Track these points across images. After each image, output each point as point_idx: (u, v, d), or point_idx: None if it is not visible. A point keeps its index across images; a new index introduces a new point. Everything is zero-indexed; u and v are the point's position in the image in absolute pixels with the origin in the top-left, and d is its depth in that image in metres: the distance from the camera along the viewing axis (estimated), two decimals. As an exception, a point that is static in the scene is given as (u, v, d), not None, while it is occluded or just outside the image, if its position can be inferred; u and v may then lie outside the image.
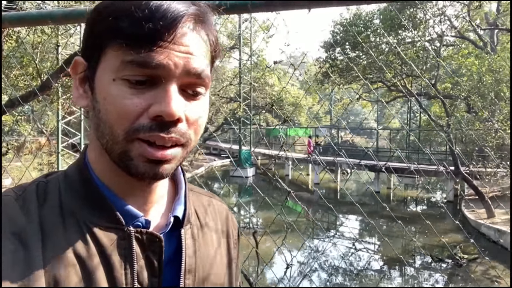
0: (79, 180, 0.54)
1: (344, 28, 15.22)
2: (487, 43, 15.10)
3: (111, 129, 0.49)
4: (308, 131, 23.53)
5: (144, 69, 0.47)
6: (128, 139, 0.49)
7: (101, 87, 0.50)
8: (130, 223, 0.53)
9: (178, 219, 0.58)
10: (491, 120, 10.92)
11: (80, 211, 0.52)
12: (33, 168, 11.96)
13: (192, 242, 0.59)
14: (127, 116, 0.48)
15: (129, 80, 0.48)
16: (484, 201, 10.43)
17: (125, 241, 0.52)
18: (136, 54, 0.46)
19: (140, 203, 0.56)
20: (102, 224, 0.52)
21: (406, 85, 13.98)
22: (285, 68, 27.50)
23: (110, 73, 0.49)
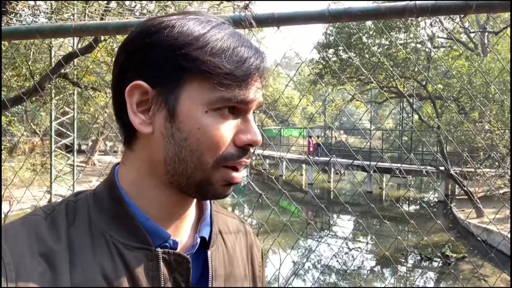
0: (108, 199, 0.54)
1: (337, 29, 15.34)
2: (478, 45, 15.31)
3: (200, 158, 0.51)
4: (302, 132, 23.64)
5: (238, 104, 0.51)
6: (215, 166, 0.52)
7: (192, 118, 0.50)
8: (158, 244, 0.53)
9: (204, 240, 0.59)
10: (481, 121, 11.10)
11: (109, 231, 0.52)
12: (26, 168, 11.95)
13: (218, 264, 0.60)
14: (219, 145, 0.51)
15: (221, 111, 0.51)
16: (473, 201, 10.59)
17: (153, 263, 0.52)
18: (234, 91, 0.50)
19: (168, 223, 0.56)
20: (131, 244, 0.52)
21: (398, 87, 14.14)
22: (278, 68, 27.62)
23: (202, 105, 0.50)
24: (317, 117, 33.23)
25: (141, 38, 0.51)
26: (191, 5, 6.63)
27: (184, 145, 0.51)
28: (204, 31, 0.51)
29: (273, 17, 1.08)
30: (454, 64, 12.98)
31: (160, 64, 0.50)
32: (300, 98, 27.39)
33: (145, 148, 0.54)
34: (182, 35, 0.50)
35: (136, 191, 0.55)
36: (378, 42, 14.53)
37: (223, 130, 0.51)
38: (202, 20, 0.53)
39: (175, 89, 0.50)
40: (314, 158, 17.44)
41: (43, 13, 6.03)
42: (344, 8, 1.04)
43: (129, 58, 0.52)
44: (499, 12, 1.10)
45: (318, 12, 1.08)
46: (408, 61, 12.62)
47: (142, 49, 0.51)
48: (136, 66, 0.51)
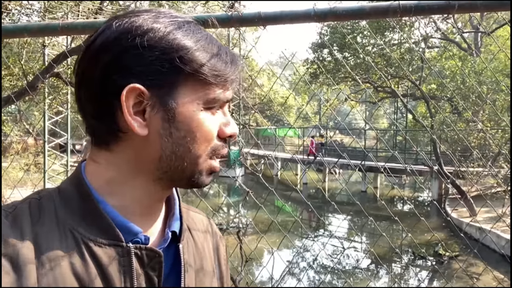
0: (76, 196, 0.53)
1: (331, 29, 15.39)
2: (471, 45, 15.42)
3: (196, 152, 0.54)
4: (297, 131, 23.65)
5: (225, 102, 0.57)
6: (205, 158, 0.56)
7: (190, 117, 0.53)
8: (130, 240, 0.53)
9: (174, 234, 0.60)
10: (474, 120, 11.18)
11: (78, 227, 0.51)
12: (19, 168, 11.86)
13: (188, 257, 0.61)
14: (211, 139, 0.55)
15: (213, 109, 0.55)
16: (467, 200, 10.67)
17: (125, 258, 0.52)
18: (224, 90, 0.55)
19: (139, 218, 0.56)
20: (101, 240, 0.51)
21: (392, 86, 14.21)
22: (274, 68, 27.62)
23: (198, 105, 0.54)
24: (312, 117, 33.29)
25: (128, 38, 0.51)
26: (185, 4, 6.63)
27: (182, 142, 0.53)
28: (190, 36, 0.53)
29: (259, 16, 1.09)
30: (448, 64, 13.07)
31: (156, 66, 0.51)
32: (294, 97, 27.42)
33: (132, 148, 0.54)
34: (171, 38, 0.52)
35: (110, 188, 0.55)
36: (372, 42, 14.59)
37: (214, 126, 0.55)
38: (178, 22, 0.54)
39: (171, 90, 0.52)
40: (317, 158, 17.26)
41: (36, 12, 6.00)
42: (329, 8, 1.05)
43: (118, 58, 0.51)
44: (483, 12, 1.11)
45: (304, 11, 1.09)
46: (402, 61, 12.69)
47: (134, 50, 0.50)
48: (126, 68, 0.51)
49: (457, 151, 10.93)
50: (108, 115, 0.52)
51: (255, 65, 21.51)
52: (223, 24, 1.12)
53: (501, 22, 14.80)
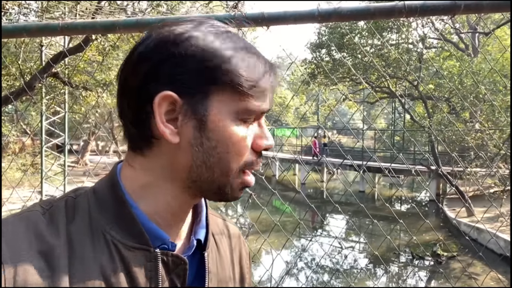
0: (110, 198, 0.55)
1: (329, 29, 15.40)
2: (469, 45, 15.47)
3: (228, 164, 0.54)
4: (295, 131, 23.68)
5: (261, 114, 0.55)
6: (238, 171, 0.55)
7: (222, 127, 0.52)
8: (157, 245, 0.54)
9: (199, 242, 0.60)
10: (472, 121, 11.22)
11: (109, 229, 0.53)
12: (16, 169, 11.81)
13: (212, 265, 0.61)
14: (244, 152, 0.54)
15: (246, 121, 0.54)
16: (464, 200, 10.70)
17: (152, 263, 0.53)
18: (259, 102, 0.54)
19: (168, 224, 0.57)
20: (130, 244, 0.52)
21: (390, 87, 14.24)
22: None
23: (230, 115, 0.53)
24: (310, 117, 33.36)
25: (167, 47, 0.52)
26: (184, 4, 6.61)
27: (213, 153, 0.53)
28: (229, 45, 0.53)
29: (263, 16, 1.07)
30: (445, 64, 13.11)
31: (191, 75, 0.51)
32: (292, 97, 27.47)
33: (165, 155, 0.54)
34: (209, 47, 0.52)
35: (144, 194, 0.56)
36: (370, 42, 14.61)
37: (248, 138, 0.54)
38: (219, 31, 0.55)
39: (204, 100, 0.52)
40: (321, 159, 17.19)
41: (33, 11, 5.96)
42: (334, 8, 1.04)
43: (156, 66, 0.52)
44: (488, 13, 1.10)
45: (308, 12, 1.08)
46: (399, 61, 12.71)
47: (172, 59, 0.51)
48: (163, 75, 0.52)
49: (455, 151, 10.96)
50: (143, 122, 0.53)
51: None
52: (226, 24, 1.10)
53: (498, 22, 14.86)
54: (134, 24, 1.01)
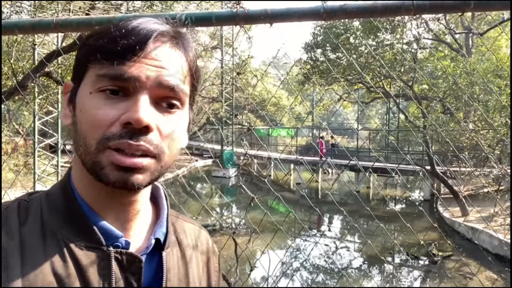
0: (61, 199, 0.55)
1: (324, 30, 15.40)
2: (463, 46, 15.56)
3: (85, 140, 0.51)
4: (290, 132, 23.68)
5: (116, 81, 0.50)
6: (99, 148, 0.50)
7: (80, 101, 0.53)
8: (110, 244, 0.53)
9: (159, 242, 0.59)
10: (466, 121, 11.27)
11: (61, 230, 0.52)
12: (9, 169, 11.65)
13: (172, 265, 0.60)
14: (99, 125, 0.50)
15: (104, 91, 0.51)
16: (459, 200, 10.74)
17: (104, 262, 0.52)
18: (109, 67, 0.50)
19: (120, 222, 0.56)
20: (83, 243, 0.52)
21: (385, 87, 14.28)
22: (268, 68, 27.49)
23: (87, 88, 0.52)
24: (305, 116, 33.38)
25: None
26: (179, 3, 6.55)
27: (77, 129, 0.53)
28: (103, 26, 0.55)
29: (266, 13, 1.03)
30: (440, 65, 13.16)
31: (76, 61, 0.55)
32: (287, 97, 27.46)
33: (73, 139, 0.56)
34: (88, 35, 0.55)
35: (82, 188, 0.56)
36: (365, 42, 14.64)
37: (103, 109, 0.50)
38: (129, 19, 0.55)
39: (81, 79, 0.54)
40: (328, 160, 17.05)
41: (26, 10, 5.87)
42: (340, 5, 1.01)
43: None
44: (498, 10, 1.08)
45: (313, 8, 1.03)
46: (394, 61, 12.75)
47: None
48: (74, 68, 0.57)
49: (449, 151, 11.00)
50: None
51: (249, 64, 21.48)
52: (228, 21, 1.06)
53: (491, 23, 14.96)
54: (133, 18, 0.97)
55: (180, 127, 0.55)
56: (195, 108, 0.66)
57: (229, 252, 7.56)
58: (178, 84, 0.53)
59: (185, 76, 0.55)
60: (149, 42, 0.51)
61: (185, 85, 0.55)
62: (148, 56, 0.51)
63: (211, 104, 22.80)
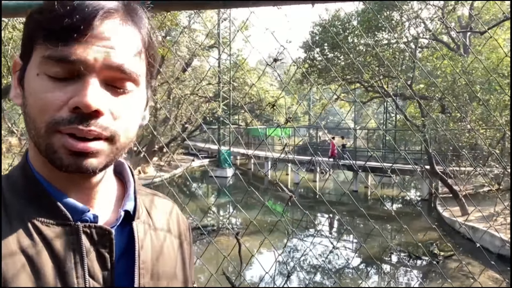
0: (22, 179, 0.54)
1: (322, 29, 15.35)
2: (460, 45, 15.57)
3: (34, 123, 0.50)
4: (287, 131, 23.61)
5: (62, 63, 0.48)
6: (48, 131, 0.49)
7: (27, 82, 0.51)
8: (78, 219, 0.53)
9: (128, 214, 0.59)
10: (465, 120, 11.25)
11: (25, 210, 0.52)
12: (3, 170, 11.45)
13: (144, 236, 0.60)
14: (47, 108, 0.49)
15: (49, 75, 0.49)
16: (458, 199, 10.73)
17: (73, 236, 0.52)
18: (53, 48, 0.47)
19: (84, 197, 0.56)
20: (48, 220, 0.52)
21: (383, 86, 14.25)
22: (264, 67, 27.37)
23: (34, 69, 0.50)
24: (301, 116, 33.34)
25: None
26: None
27: (26, 111, 0.51)
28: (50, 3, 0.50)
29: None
30: (438, 64, 13.15)
31: (23, 37, 0.53)
32: (284, 96, 27.40)
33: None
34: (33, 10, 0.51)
35: (40, 167, 0.55)
36: (363, 41, 14.60)
37: (51, 92, 0.49)
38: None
39: (29, 58, 0.51)
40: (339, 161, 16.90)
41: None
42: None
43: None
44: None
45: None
46: (393, 60, 12.72)
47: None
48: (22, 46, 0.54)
49: (448, 151, 10.99)
50: None
51: (246, 63, 21.39)
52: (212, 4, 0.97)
53: (489, 23, 14.99)
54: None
55: (135, 107, 0.54)
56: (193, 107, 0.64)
57: (227, 252, 7.46)
58: (129, 64, 0.51)
59: (138, 54, 0.53)
60: (95, 20, 0.48)
61: (138, 64, 0.53)
62: (95, 35, 0.49)
63: (208, 103, 22.70)
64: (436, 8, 13.83)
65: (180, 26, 14.44)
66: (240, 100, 19.93)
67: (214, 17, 20.60)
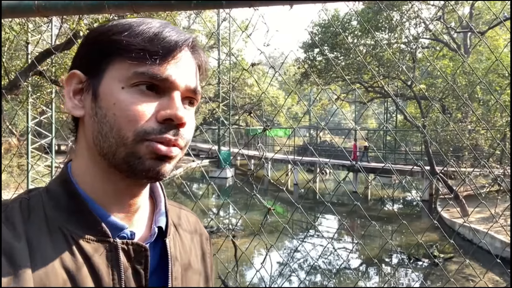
0: (63, 194, 0.56)
1: (322, 29, 15.30)
2: (460, 45, 15.51)
3: (119, 132, 0.53)
4: (287, 131, 23.57)
5: (154, 80, 0.53)
6: (137, 139, 0.53)
7: (109, 94, 0.54)
8: (116, 235, 0.55)
9: (160, 229, 0.61)
10: (465, 121, 11.20)
11: (66, 225, 0.53)
12: (3, 170, 11.43)
13: (175, 250, 0.63)
14: (137, 119, 0.52)
15: (138, 87, 0.53)
16: (458, 200, 10.67)
17: (112, 253, 0.54)
18: (148, 66, 0.53)
19: (124, 214, 0.58)
20: (89, 237, 0.53)
21: (384, 86, 14.20)
22: (264, 68, 27.49)
23: (119, 82, 0.54)
24: (301, 116, 33.31)
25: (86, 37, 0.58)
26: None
27: (104, 121, 0.53)
28: (128, 21, 0.56)
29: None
30: (439, 64, 13.09)
31: (89, 53, 0.56)
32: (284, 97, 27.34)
33: (82, 133, 0.57)
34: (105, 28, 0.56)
35: (87, 182, 0.56)
36: (363, 42, 14.55)
37: (140, 104, 0.53)
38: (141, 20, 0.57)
39: (100, 72, 0.55)
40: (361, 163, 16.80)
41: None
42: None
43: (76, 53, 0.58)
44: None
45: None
46: (392, 61, 12.67)
47: (81, 46, 0.58)
48: (77, 59, 0.58)
49: (449, 152, 10.94)
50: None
51: (245, 64, 21.35)
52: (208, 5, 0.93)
53: (490, 23, 14.92)
54: (128, 2, 0.82)
55: (194, 122, 0.61)
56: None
57: (227, 254, 7.41)
58: (199, 88, 0.59)
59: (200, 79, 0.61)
60: (182, 49, 0.56)
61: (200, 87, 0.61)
62: (177, 60, 0.56)
63: (207, 103, 22.67)
64: (436, 8, 13.77)
65: (178, 26, 14.40)
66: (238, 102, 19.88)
67: (214, 17, 20.58)
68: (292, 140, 24.15)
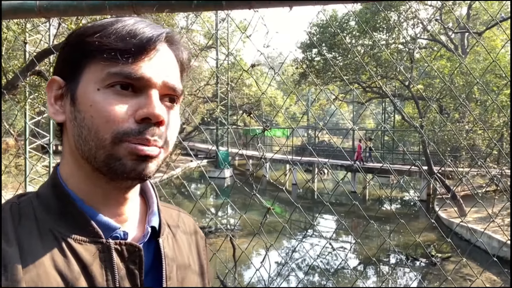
0: (53, 197, 0.55)
1: (320, 29, 15.32)
2: (458, 46, 15.55)
3: (97, 134, 0.52)
4: (285, 132, 23.59)
5: (128, 79, 0.52)
6: (115, 141, 0.52)
7: (86, 97, 0.53)
8: (109, 236, 0.55)
9: (153, 230, 0.61)
10: (462, 121, 11.23)
11: (58, 227, 0.53)
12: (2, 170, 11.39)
13: (169, 250, 0.62)
14: (114, 120, 0.52)
15: (114, 88, 0.52)
16: (456, 200, 10.70)
17: (105, 254, 0.54)
18: (122, 66, 0.52)
19: (115, 215, 0.58)
20: (81, 238, 0.53)
21: (382, 86, 14.23)
22: (262, 68, 27.47)
23: (94, 84, 0.53)
24: (299, 117, 33.32)
25: (65, 41, 0.57)
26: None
27: (83, 124, 0.53)
28: (103, 22, 0.55)
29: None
30: (436, 64, 13.13)
31: (66, 57, 0.56)
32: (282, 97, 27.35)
33: (66, 138, 0.57)
34: (82, 33, 0.55)
35: (75, 184, 0.56)
36: (361, 42, 14.57)
37: (116, 105, 0.52)
38: (116, 19, 0.55)
39: (76, 76, 0.55)
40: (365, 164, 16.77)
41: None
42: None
43: (55, 61, 0.59)
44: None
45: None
46: (390, 61, 12.70)
47: (60, 51, 0.57)
48: (56, 65, 0.58)
49: (446, 152, 10.97)
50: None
51: (244, 64, 21.35)
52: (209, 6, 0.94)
53: (487, 23, 14.97)
54: (128, 2, 0.83)
55: (177, 120, 0.59)
56: (191, 108, 0.66)
57: (225, 254, 7.42)
58: (178, 85, 0.58)
59: (181, 75, 0.60)
60: (156, 45, 0.55)
61: (181, 84, 0.59)
62: (155, 58, 0.54)
63: (206, 103, 22.64)
64: (434, 9, 13.81)
65: (176, 26, 14.39)
66: (238, 101, 19.88)
67: (212, 17, 20.57)
68: (291, 140, 24.16)
